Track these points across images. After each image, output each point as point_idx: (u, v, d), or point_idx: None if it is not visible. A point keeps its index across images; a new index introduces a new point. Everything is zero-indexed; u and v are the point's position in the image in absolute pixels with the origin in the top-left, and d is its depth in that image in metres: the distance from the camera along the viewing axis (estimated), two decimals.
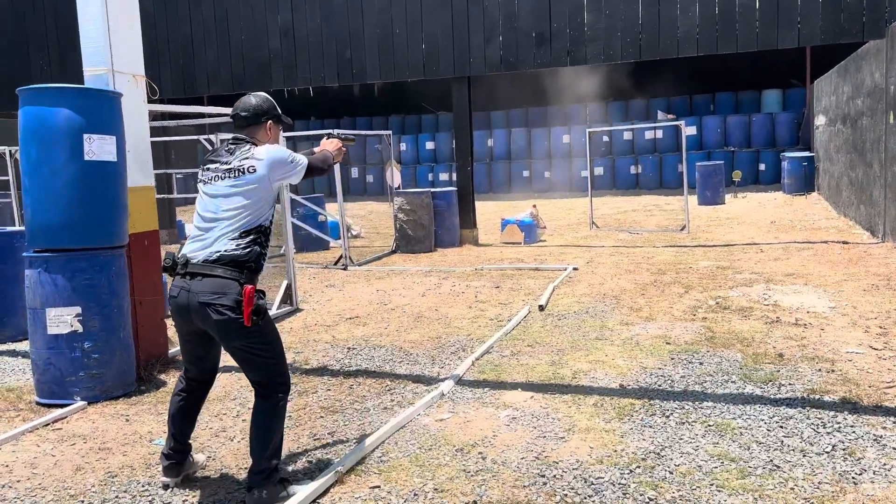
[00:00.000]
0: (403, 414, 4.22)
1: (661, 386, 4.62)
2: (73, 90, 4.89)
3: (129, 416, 4.53)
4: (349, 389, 4.85)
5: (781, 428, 3.86)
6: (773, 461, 3.48)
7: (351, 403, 4.57)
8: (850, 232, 11.07)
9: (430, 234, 11.31)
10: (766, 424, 3.92)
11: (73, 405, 4.65)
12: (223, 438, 4.09)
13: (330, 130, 4.02)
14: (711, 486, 3.26)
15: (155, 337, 5.50)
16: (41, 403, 4.76)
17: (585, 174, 19.12)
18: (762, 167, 20.16)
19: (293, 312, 7.35)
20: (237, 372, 4.97)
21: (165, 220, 12.75)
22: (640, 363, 5.10)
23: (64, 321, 4.68)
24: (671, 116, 21.43)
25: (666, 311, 6.59)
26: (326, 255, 11.37)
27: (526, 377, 4.91)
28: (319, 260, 10.82)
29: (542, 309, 6.91)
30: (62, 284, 4.69)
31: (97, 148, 4.79)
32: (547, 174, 22.15)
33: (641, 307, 6.77)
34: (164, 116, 12.37)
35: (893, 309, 6.22)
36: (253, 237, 3.29)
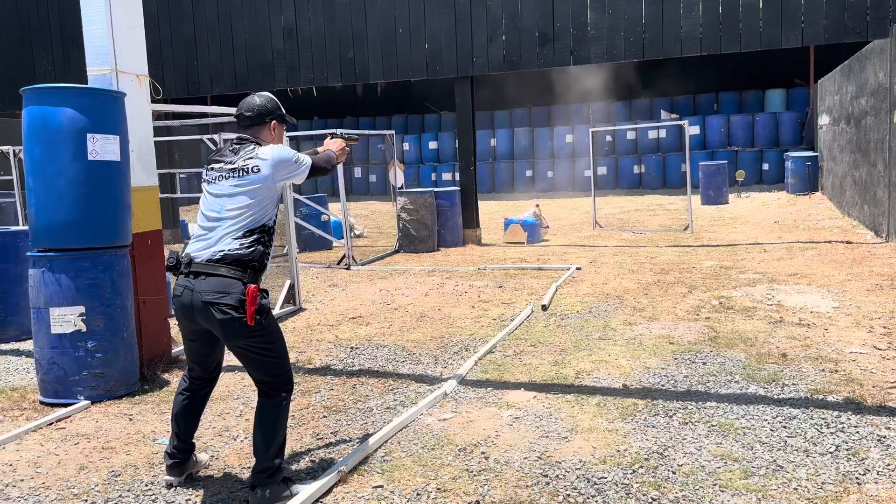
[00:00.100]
0: (406, 413, 4.22)
1: (664, 386, 4.62)
2: (76, 90, 4.90)
3: (132, 415, 4.53)
4: (352, 389, 4.85)
5: (785, 428, 3.86)
6: (776, 461, 3.48)
7: (354, 403, 4.58)
8: (853, 232, 11.05)
9: (433, 233, 11.31)
10: (769, 424, 3.92)
11: (76, 404, 4.66)
12: (226, 438, 4.09)
13: (333, 130, 4.03)
14: (714, 486, 3.26)
15: (158, 336, 5.52)
16: (45, 403, 4.77)
17: (588, 174, 19.11)
18: (766, 167, 20.13)
19: (296, 312, 7.36)
20: (240, 371, 4.98)
21: (169, 219, 12.79)
22: (643, 363, 5.10)
23: (67, 320, 4.69)
24: (674, 116, 21.40)
25: (669, 310, 6.58)
26: (329, 254, 11.37)
27: (529, 377, 4.91)
28: (322, 259, 10.83)
29: (545, 309, 6.91)
30: (66, 284, 4.70)
31: (101, 148, 4.80)
32: (550, 174, 22.14)
33: (644, 307, 6.77)
34: (167, 116, 12.41)
35: None
36: (257, 237, 3.29)
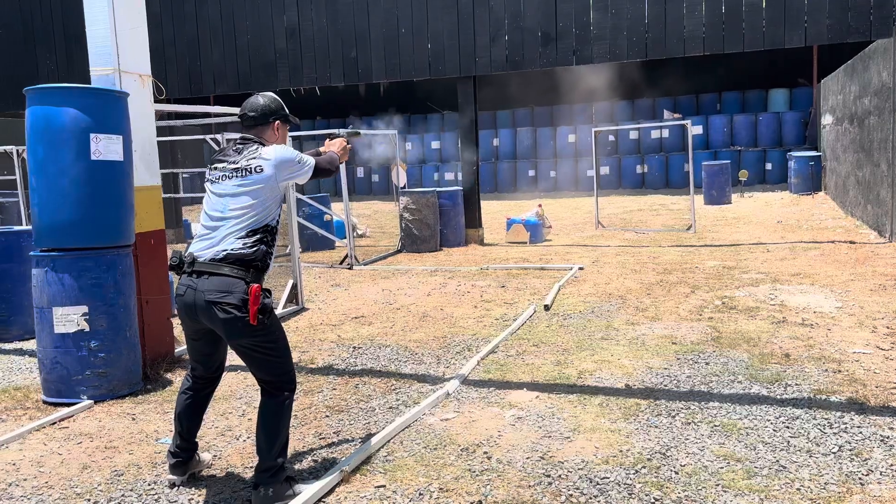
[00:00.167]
0: (409, 413, 4.22)
1: (666, 386, 4.61)
2: (79, 90, 4.91)
3: (135, 414, 4.54)
4: (354, 389, 4.86)
5: (788, 428, 3.85)
6: (779, 461, 3.47)
7: (356, 403, 4.58)
8: (857, 232, 11.03)
9: (435, 233, 11.31)
10: (772, 425, 3.91)
11: (79, 404, 4.67)
12: (229, 437, 4.10)
13: (338, 131, 4.03)
14: (717, 486, 3.26)
15: (161, 336, 5.52)
16: (48, 402, 4.78)
17: (591, 173, 19.11)
18: (769, 166, 20.10)
19: (299, 311, 7.36)
20: (243, 371, 4.98)
21: (172, 219, 12.80)
22: (645, 363, 5.10)
23: (70, 320, 4.70)
24: (677, 116, 21.38)
25: (672, 310, 6.58)
26: (332, 254, 11.38)
27: (531, 377, 4.91)
28: (325, 259, 10.84)
29: (547, 309, 6.91)
30: (69, 283, 4.70)
31: (104, 147, 4.81)
32: (553, 173, 22.14)
33: (647, 307, 6.76)
34: (170, 116, 12.43)
35: None
36: (259, 236, 3.30)
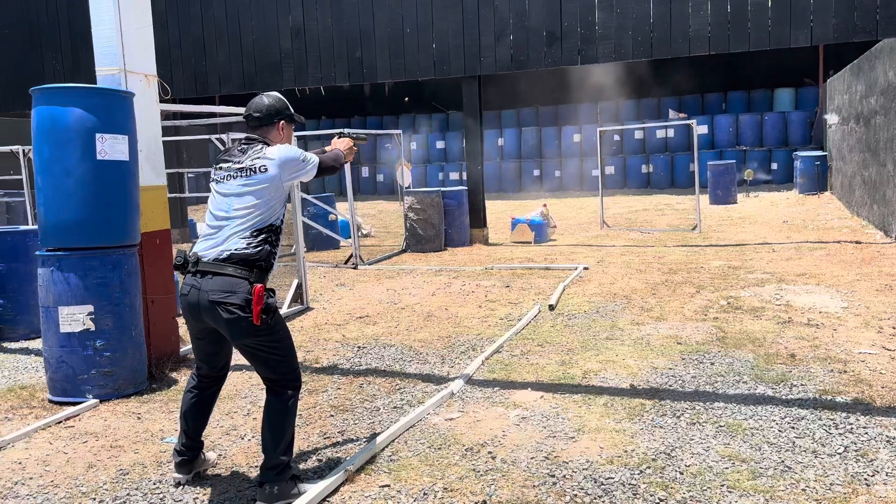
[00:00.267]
0: (413, 413, 4.22)
1: (671, 386, 4.60)
2: (85, 90, 4.92)
3: (140, 413, 4.55)
4: (359, 388, 4.86)
5: (793, 429, 3.84)
6: (784, 462, 3.46)
7: (361, 402, 4.58)
8: (863, 232, 10.99)
9: (440, 233, 11.32)
10: (777, 425, 3.90)
11: (85, 403, 4.68)
12: (234, 437, 4.10)
13: (342, 130, 4.02)
14: (722, 486, 3.25)
15: (167, 335, 5.54)
16: (53, 401, 4.80)
17: (596, 173, 19.09)
18: (774, 166, 20.05)
19: (304, 311, 7.37)
20: (248, 370, 4.99)
21: (177, 218, 12.83)
22: (650, 363, 5.09)
23: (76, 319, 4.72)
24: (683, 115, 21.35)
25: (677, 311, 6.56)
26: (337, 254, 11.39)
27: (536, 377, 4.91)
28: (330, 259, 10.85)
29: (552, 308, 6.90)
30: (75, 283, 4.72)
31: (109, 147, 4.82)
32: (557, 173, 22.12)
33: (652, 307, 6.75)
34: (175, 116, 12.44)
35: None
36: (264, 236, 3.30)
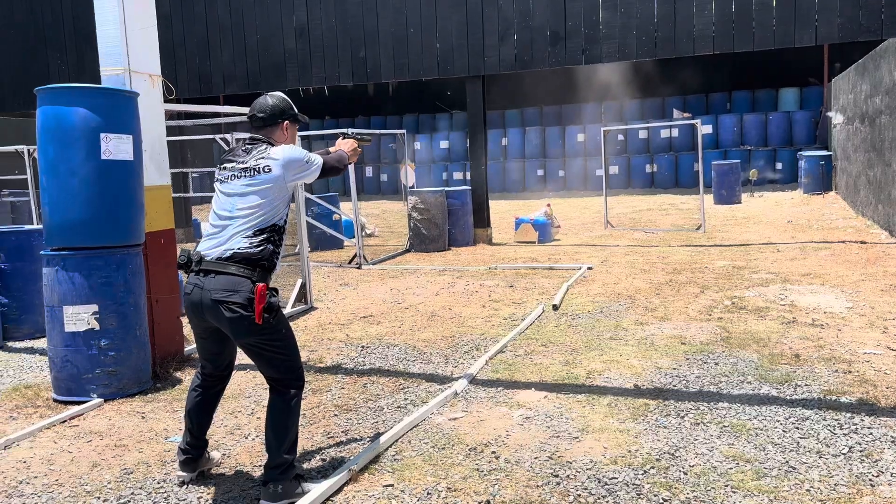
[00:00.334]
0: (417, 413, 4.22)
1: (675, 386, 4.60)
2: (90, 90, 4.93)
3: (144, 413, 4.56)
4: (363, 388, 4.86)
5: (797, 429, 3.84)
6: (788, 462, 3.46)
7: (365, 402, 4.59)
8: (867, 231, 10.96)
9: (443, 233, 11.32)
10: (781, 425, 3.89)
11: (89, 402, 4.69)
12: (238, 436, 4.11)
13: (345, 130, 4.03)
14: (726, 487, 3.24)
15: (171, 334, 5.55)
16: (58, 400, 4.81)
17: (600, 173, 19.06)
18: (779, 166, 20.01)
19: (308, 311, 7.38)
20: (252, 370, 5.00)
21: (181, 218, 12.85)
22: (654, 363, 5.08)
23: (81, 319, 4.73)
24: (687, 115, 21.31)
25: (681, 310, 6.56)
26: (341, 253, 11.40)
27: (540, 377, 4.90)
28: (334, 258, 10.86)
29: (556, 308, 6.90)
30: (79, 282, 4.73)
31: (114, 147, 4.83)
32: (561, 173, 22.10)
33: (656, 307, 6.74)
34: (180, 116, 12.47)
35: None
36: (266, 236, 3.31)
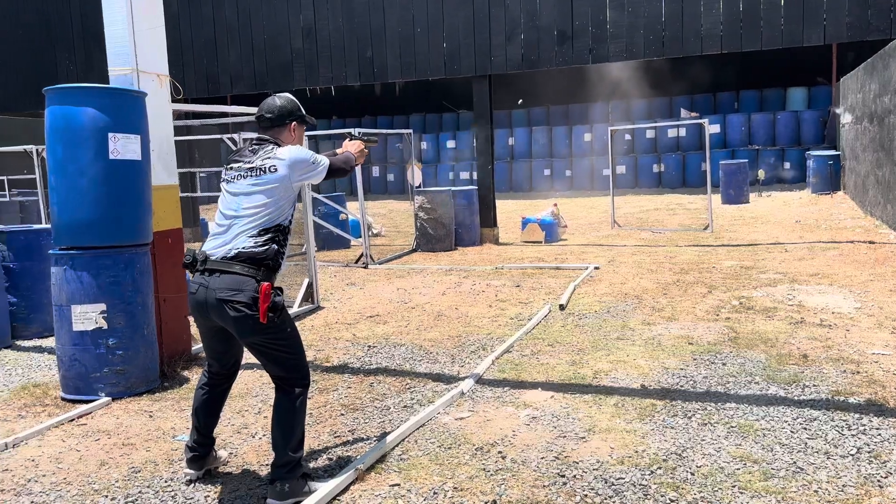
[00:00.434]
0: (423, 412, 4.23)
1: (683, 386, 4.59)
2: (98, 90, 4.95)
3: (152, 412, 4.58)
4: (369, 387, 4.87)
5: (805, 430, 3.82)
6: (796, 463, 3.44)
7: (371, 401, 4.59)
8: (876, 231, 10.90)
9: (450, 232, 11.32)
10: (789, 426, 3.88)
11: (97, 401, 4.71)
12: (245, 435, 4.12)
13: (350, 130, 4.03)
14: (734, 487, 3.23)
15: (178, 333, 5.56)
16: (66, 399, 4.83)
17: (607, 173, 19.02)
18: (787, 166, 19.94)
19: (314, 310, 7.39)
20: (259, 369, 5.00)
21: (189, 218, 12.89)
22: (661, 363, 5.07)
23: (89, 318, 4.75)
24: (694, 114, 21.25)
25: (689, 311, 6.54)
26: (347, 253, 11.41)
27: (546, 377, 4.90)
28: (340, 258, 10.87)
29: (562, 308, 6.89)
30: (87, 282, 4.75)
31: (122, 147, 4.85)
32: (568, 172, 22.07)
33: (664, 307, 6.73)
34: (187, 116, 12.51)
35: None
36: (271, 235, 3.31)
